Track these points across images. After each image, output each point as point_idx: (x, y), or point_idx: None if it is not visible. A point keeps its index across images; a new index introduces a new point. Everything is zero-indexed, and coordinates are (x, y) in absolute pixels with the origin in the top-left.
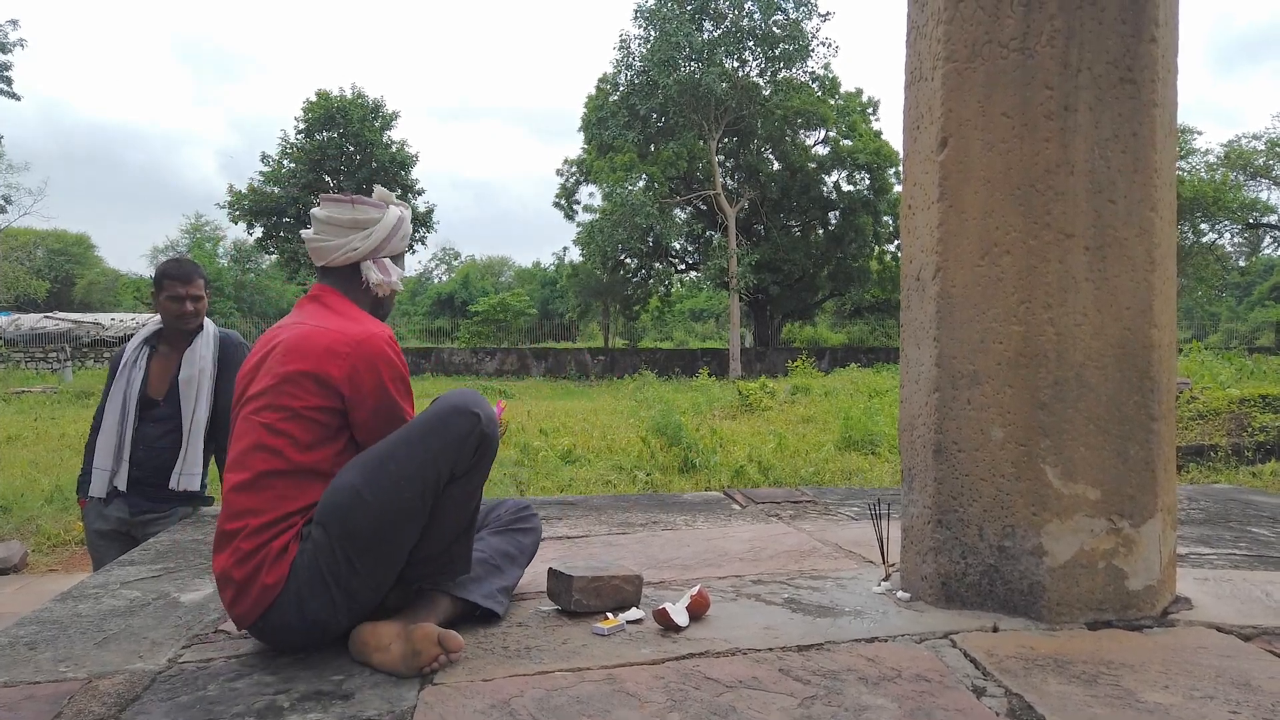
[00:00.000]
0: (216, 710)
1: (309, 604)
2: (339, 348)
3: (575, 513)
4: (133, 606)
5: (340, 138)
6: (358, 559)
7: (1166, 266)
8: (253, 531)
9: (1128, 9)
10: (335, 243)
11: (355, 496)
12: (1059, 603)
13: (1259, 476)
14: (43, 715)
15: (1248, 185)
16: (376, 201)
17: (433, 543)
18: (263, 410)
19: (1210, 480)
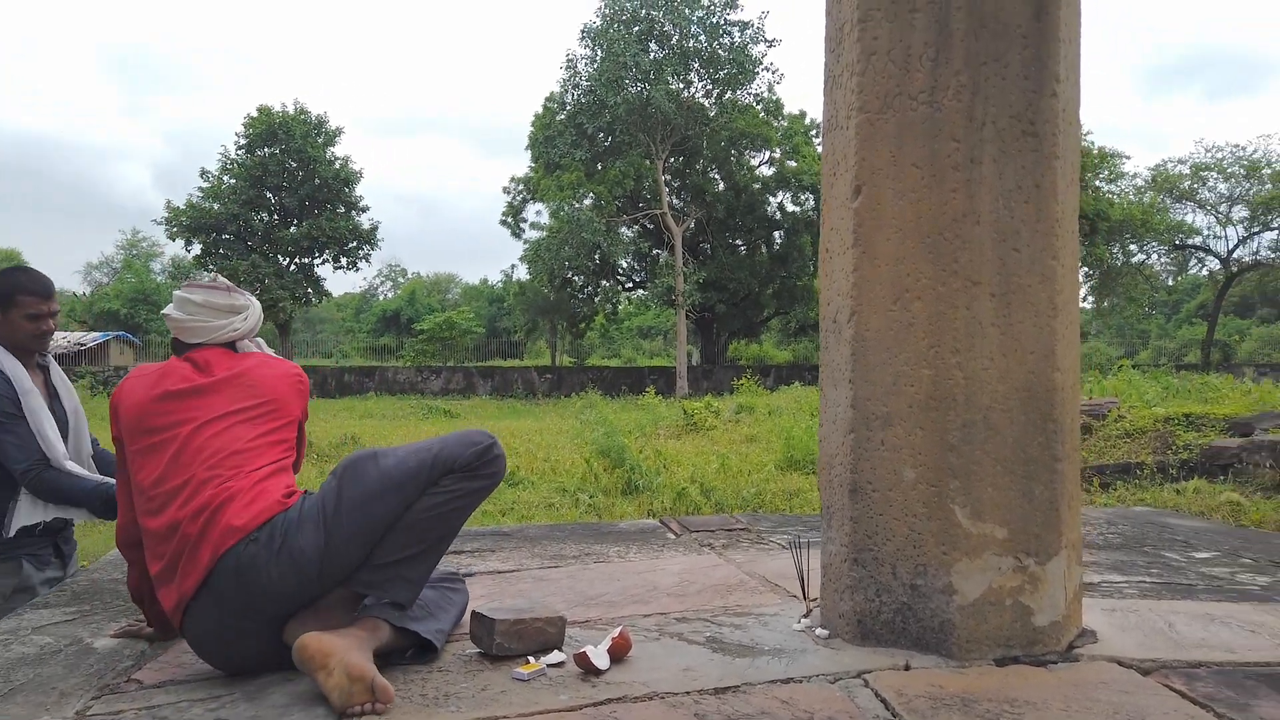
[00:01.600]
0: None
1: (301, 530)
2: (299, 374)
3: (509, 544)
4: (43, 654)
5: (282, 154)
6: (353, 509)
7: (1069, 312)
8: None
9: (1030, 65)
10: (216, 323)
11: (372, 455)
12: (968, 640)
13: (1182, 494)
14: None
15: (1174, 208)
16: (229, 286)
17: (399, 544)
18: (259, 419)
19: (1136, 497)
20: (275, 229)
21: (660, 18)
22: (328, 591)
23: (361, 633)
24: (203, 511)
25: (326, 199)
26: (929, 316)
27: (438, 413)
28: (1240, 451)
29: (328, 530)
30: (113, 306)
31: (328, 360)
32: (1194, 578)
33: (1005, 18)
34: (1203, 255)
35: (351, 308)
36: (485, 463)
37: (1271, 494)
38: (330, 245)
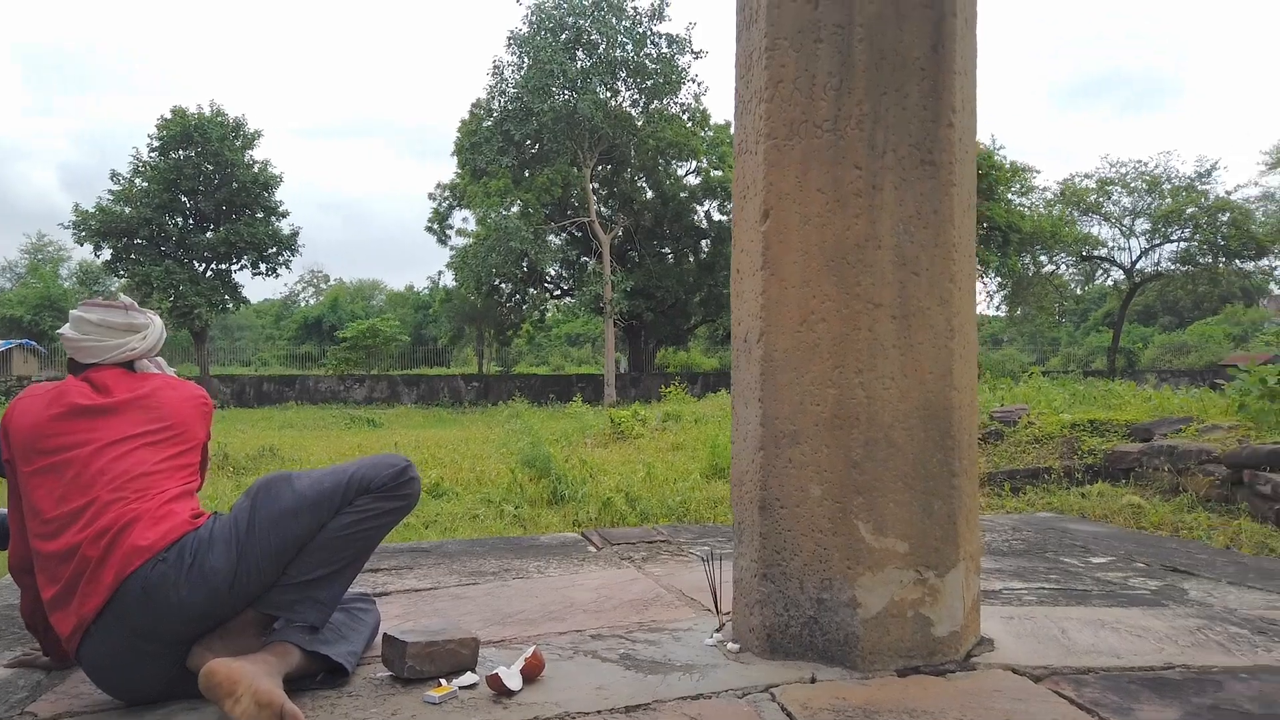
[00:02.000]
0: None
1: (212, 549)
2: (203, 398)
3: (428, 561)
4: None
5: (198, 156)
6: (266, 528)
7: (966, 333)
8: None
9: (928, 96)
10: (112, 343)
11: (286, 477)
12: (871, 651)
13: (1087, 497)
14: None
15: (1081, 220)
16: (133, 306)
17: (311, 564)
18: (163, 443)
19: (1045, 501)
20: (190, 234)
21: (587, 26)
22: (238, 612)
23: (270, 658)
24: (105, 533)
25: (245, 203)
26: (834, 338)
27: (361, 422)
28: (1141, 456)
29: (240, 549)
30: (16, 313)
31: (246, 368)
32: (1090, 583)
33: (904, 50)
34: (1108, 266)
35: (271, 315)
36: (401, 484)
37: (1169, 496)
38: (249, 251)
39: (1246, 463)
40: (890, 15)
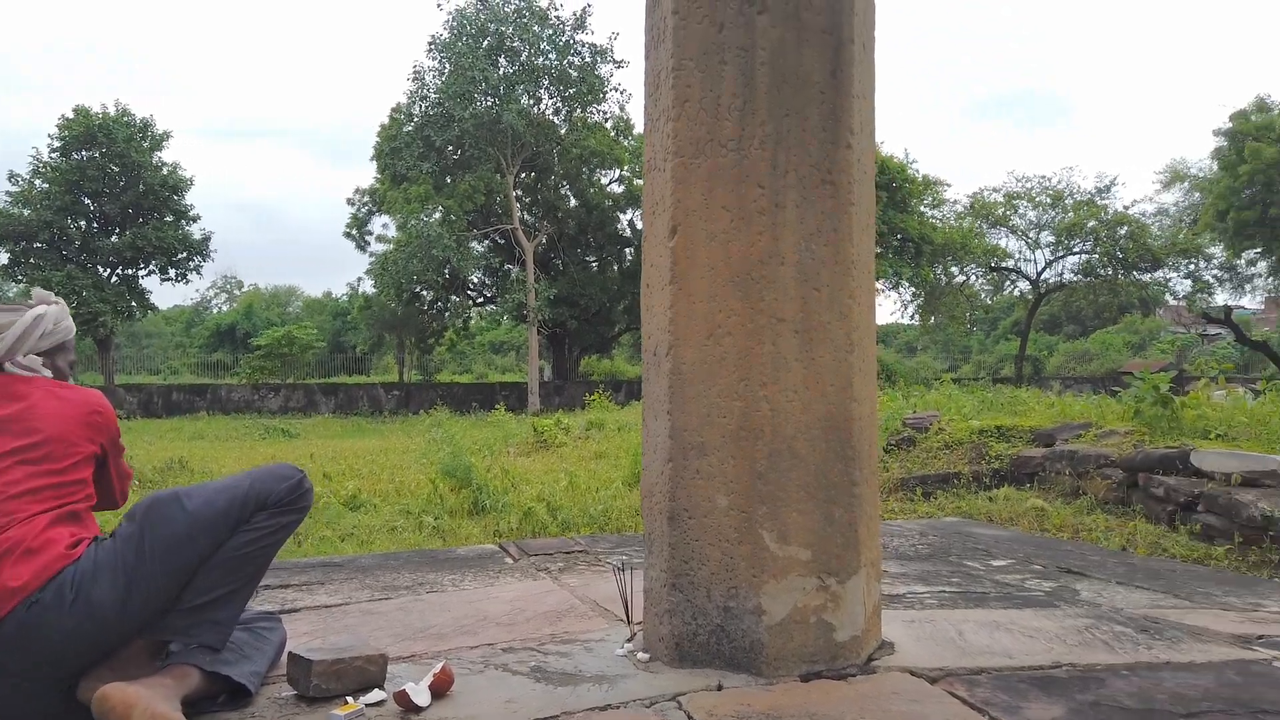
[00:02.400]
0: None
1: (97, 581)
2: (94, 407)
3: (340, 576)
4: None
5: (103, 158)
6: (158, 556)
7: (865, 347)
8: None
9: (827, 118)
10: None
11: (175, 497)
12: (776, 658)
13: (994, 501)
14: None
15: (989, 233)
16: (16, 306)
17: (208, 585)
18: (39, 460)
19: (955, 505)
20: (95, 238)
21: (510, 33)
22: (128, 642)
23: (168, 681)
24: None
25: (153, 207)
26: (739, 351)
27: (276, 432)
28: (1044, 460)
29: (129, 579)
30: None
31: (155, 377)
32: (989, 585)
33: (804, 74)
34: (1015, 276)
35: (182, 322)
36: (297, 497)
37: (1071, 499)
38: (157, 256)
39: (1141, 466)
40: (791, 40)
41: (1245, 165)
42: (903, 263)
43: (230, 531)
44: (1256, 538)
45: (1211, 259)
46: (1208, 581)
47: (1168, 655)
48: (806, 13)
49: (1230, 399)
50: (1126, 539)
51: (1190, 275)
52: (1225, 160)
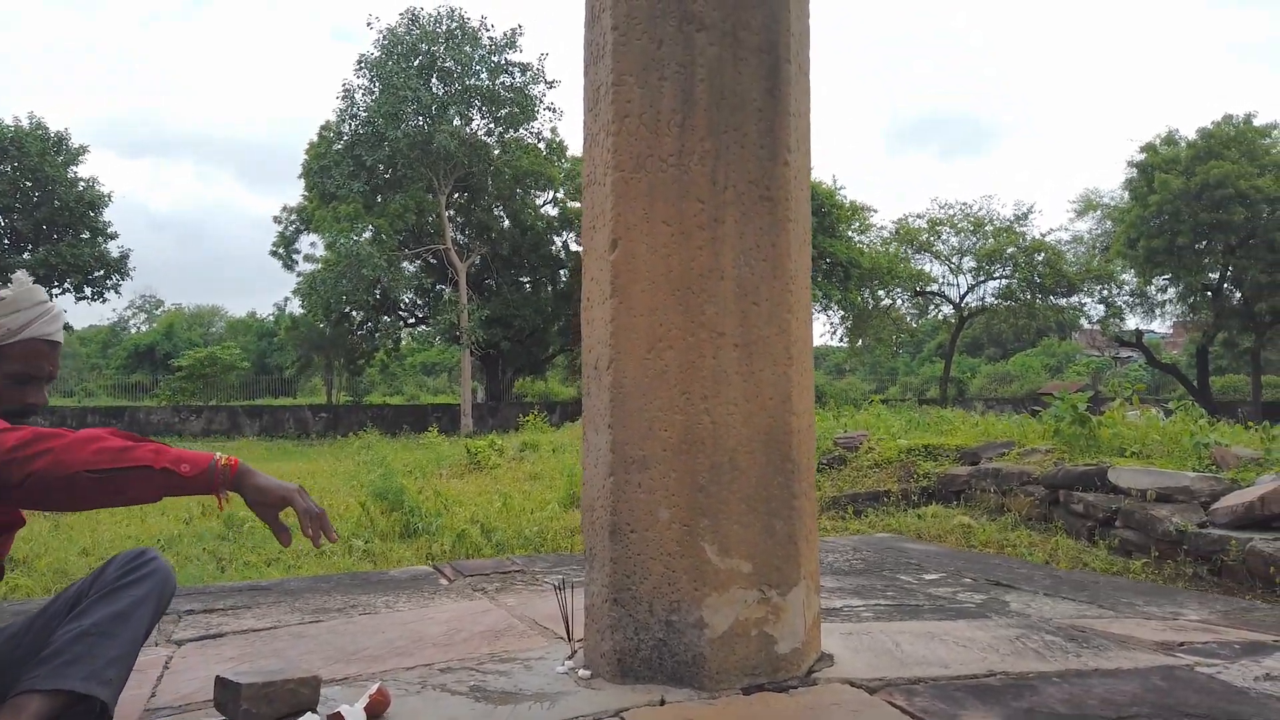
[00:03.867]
0: None
1: None
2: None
3: (267, 599)
4: None
5: (14, 172)
6: None
7: (803, 361)
8: None
9: (765, 135)
10: None
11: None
12: (718, 671)
13: (923, 518)
14: None
15: (914, 258)
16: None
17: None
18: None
19: (884, 523)
20: (5, 254)
21: (441, 53)
22: None
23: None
24: None
25: (68, 223)
26: (680, 365)
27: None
28: (970, 478)
29: None
30: None
31: (69, 399)
32: (923, 599)
33: (742, 91)
34: (940, 300)
35: (98, 342)
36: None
37: (996, 516)
38: (72, 274)
39: (1062, 483)
40: (729, 58)
41: (1154, 195)
42: (831, 286)
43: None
44: (1171, 551)
45: (1123, 285)
46: (1129, 592)
47: (1096, 663)
48: (744, 31)
49: (1144, 418)
50: (1049, 554)
51: (1103, 300)
52: (1136, 190)
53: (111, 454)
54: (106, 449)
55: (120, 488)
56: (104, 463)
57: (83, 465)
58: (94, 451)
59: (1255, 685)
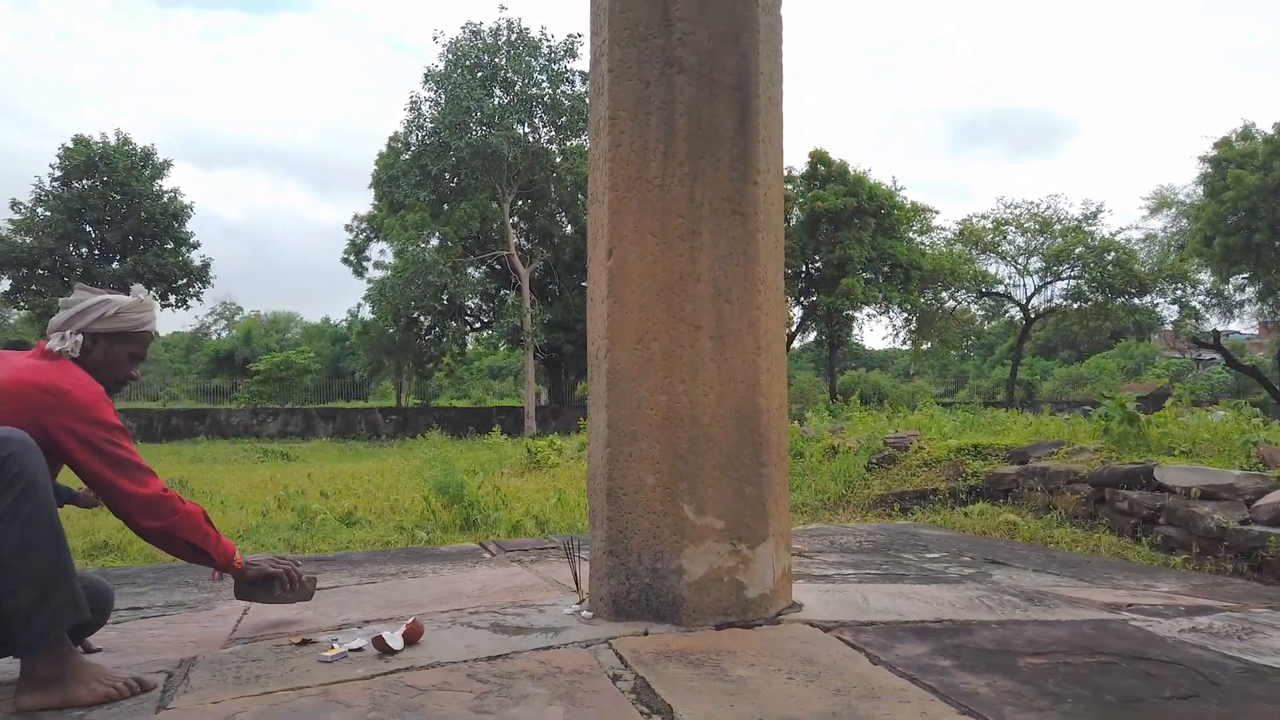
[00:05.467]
0: None
1: None
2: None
3: (331, 567)
4: None
5: (104, 186)
6: None
7: (772, 351)
8: None
9: (737, 160)
10: (53, 319)
11: None
12: (695, 610)
13: (969, 515)
14: None
15: (979, 259)
16: (97, 290)
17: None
18: None
19: (930, 519)
20: (96, 265)
21: (503, 64)
22: None
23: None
24: None
25: (154, 234)
26: (664, 354)
27: (274, 455)
28: (1017, 477)
29: None
30: None
31: (154, 403)
32: (913, 571)
33: (717, 123)
34: (1006, 302)
35: (181, 348)
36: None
37: (1042, 514)
38: (158, 282)
39: (1107, 481)
40: (705, 97)
41: (1230, 191)
42: (892, 288)
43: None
44: (1212, 548)
45: (1199, 285)
46: (1116, 570)
47: (1038, 615)
48: (718, 73)
49: (1230, 418)
50: (1091, 550)
51: (1177, 301)
52: (1211, 186)
53: (201, 536)
54: (199, 531)
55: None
56: (196, 540)
57: (185, 536)
58: (190, 529)
59: (1176, 635)
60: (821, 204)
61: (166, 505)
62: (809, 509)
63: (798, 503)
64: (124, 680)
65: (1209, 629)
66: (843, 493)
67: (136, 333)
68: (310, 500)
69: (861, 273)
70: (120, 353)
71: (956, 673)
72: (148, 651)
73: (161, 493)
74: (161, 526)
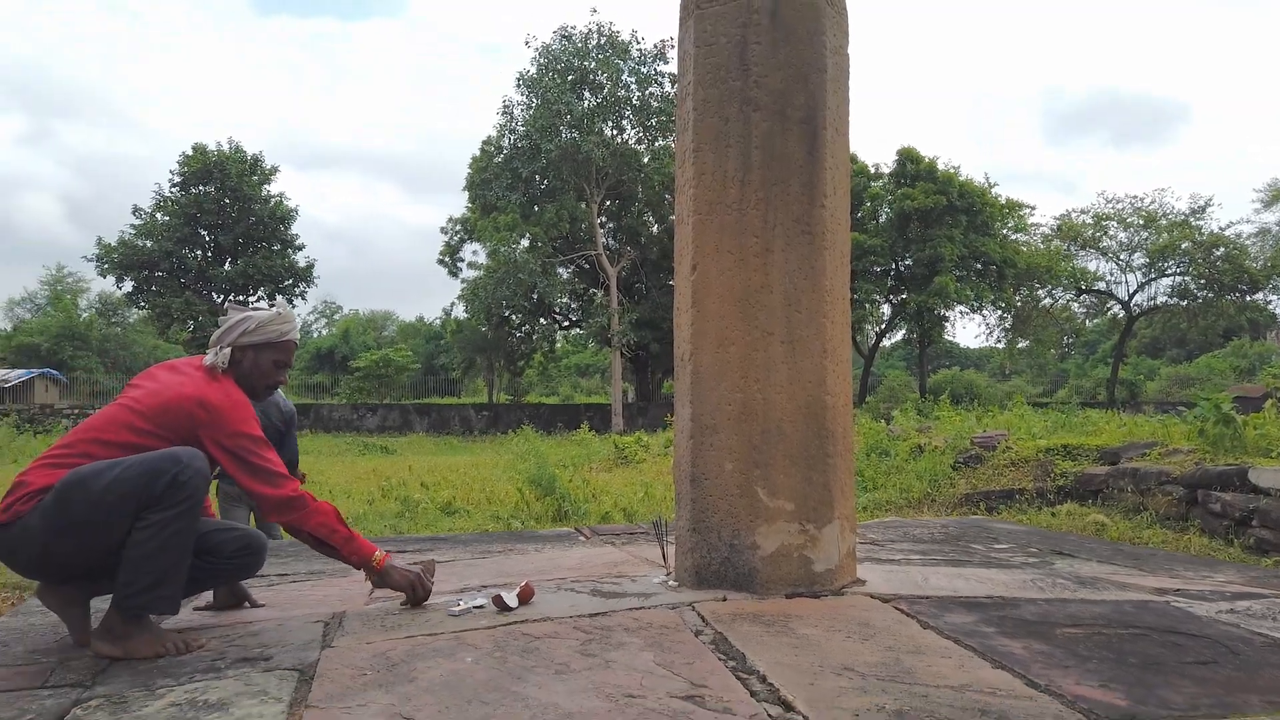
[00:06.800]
0: (171, 669)
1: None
2: (203, 400)
3: (445, 545)
4: None
5: (217, 192)
6: (60, 532)
7: (838, 354)
8: None
9: (806, 186)
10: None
11: (81, 481)
12: (767, 581)
13: (1056, 515)
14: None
15: (1079, 255)
16: (242, 307)
17: (133, 570)
18: (108, 421)
19: (1016, 519)
20: (209, 266)
21: (593, 68)
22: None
23: None
24: None
25: (262, 237)
26: (740, 357)
27: (375, 449)
28: (1108, 478)
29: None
30: (36, 342)
31: None
32: (979, 558)
33: (788, 154)
34: (1108, 299)
35: None
36: (173, 493)
37: (1132, 515)
38: (265, 283)
39: (1200, 483)
40: (777, 130)
41: None
42: (985, 286)
43: (124, 530)
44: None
45: None
46: (1179, 562)
47: (1085, 595)
48: (789, 109)
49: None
50: (1180, 550)
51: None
52: None
53: (328, 531)
54: (326, 527)
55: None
56: (322, 535)
57: (311, 529)
58: (316, 524)
59: (1213, 615)
60: (911, 202)
61: (297, 504)
62: (893, 506)
63: (881, 500)
64: (173, 641)
65: (1247, 611)
66: (928, 491)
67: (279, 342)
68: (411, 490)
69: (953, 271)
70: (266, 361)
71: (997, 637)
72: (303, 606)
73: (293, 494)
74: (291, 521)
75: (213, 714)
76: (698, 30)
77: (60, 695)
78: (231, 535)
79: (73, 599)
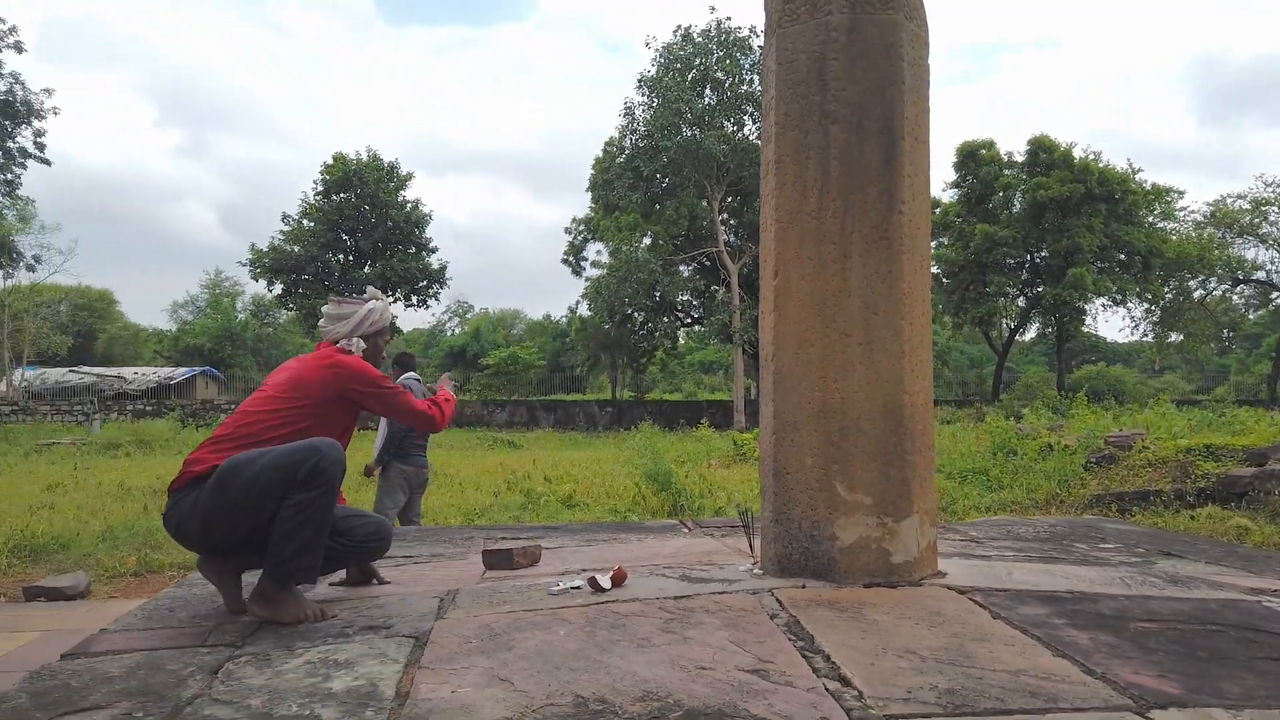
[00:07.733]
0: (307, 633)
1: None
2: (335, 364)
3: (556, 534)
4: None
5: (357, 199)
6: (219, 509)
7: (917, 354)
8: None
9: (883, 193)
10: (330, 328)
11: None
12: (846, 570)
13: (1195, 519)
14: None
15: (1235, 243)
16: (354, 300)
17: (280, 543)
18: (264, 403)
19: (1151, 522)
20: (350, 270)
21: (713, 65)
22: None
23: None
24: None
25: (398, 241)
26: (820, 357)
27: (502, 444)
28: (1254, 480)
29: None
30: (199, 342)
31: None
32: (1075, 556)
33: (865, 163)
34: (1268, 289)
35: (420, 343)
36: (314, 478)
37: (1278, 519)
38: (402, 285)
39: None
40: (855, 141)
41: None
42: (1128, 279)
43: (271, 510)
44: None
45: None
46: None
47: (1171, 593)
48: (866, 121)
49: None
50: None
51: None
52: None
53: (454, 408)
54: (451, 404)
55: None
56: (450, 411)
57: (450, 419)
58: (450, 414)
59: None
60: (1045, 191)
61: (430, 415)
62: (1018, 506)
63: (1006, 500)
64: (313, 609)
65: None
66: (1056, 491)
67: (385, 327)
68: (535, 484)
69: (1093, 262)
70: (378, 342)
71: (1066, 629)
72: (423, 584)
73: (426, 410)
74: (429, 427)
75: (340, 671)
76: (779, 48)
77: (217, 653)
78: (363, 521)
79: (227, 572)
